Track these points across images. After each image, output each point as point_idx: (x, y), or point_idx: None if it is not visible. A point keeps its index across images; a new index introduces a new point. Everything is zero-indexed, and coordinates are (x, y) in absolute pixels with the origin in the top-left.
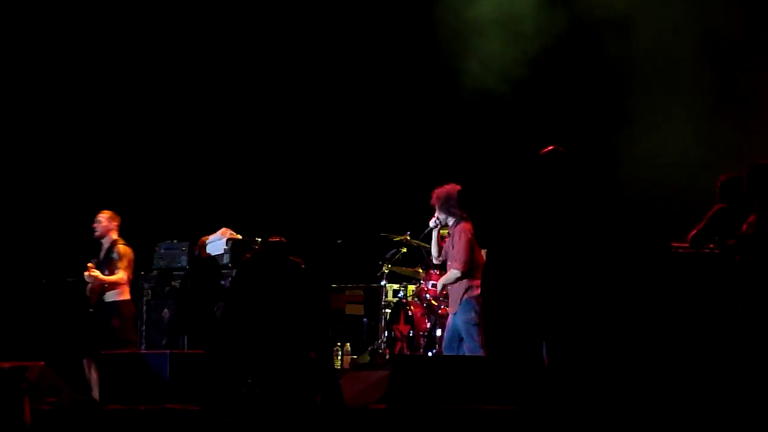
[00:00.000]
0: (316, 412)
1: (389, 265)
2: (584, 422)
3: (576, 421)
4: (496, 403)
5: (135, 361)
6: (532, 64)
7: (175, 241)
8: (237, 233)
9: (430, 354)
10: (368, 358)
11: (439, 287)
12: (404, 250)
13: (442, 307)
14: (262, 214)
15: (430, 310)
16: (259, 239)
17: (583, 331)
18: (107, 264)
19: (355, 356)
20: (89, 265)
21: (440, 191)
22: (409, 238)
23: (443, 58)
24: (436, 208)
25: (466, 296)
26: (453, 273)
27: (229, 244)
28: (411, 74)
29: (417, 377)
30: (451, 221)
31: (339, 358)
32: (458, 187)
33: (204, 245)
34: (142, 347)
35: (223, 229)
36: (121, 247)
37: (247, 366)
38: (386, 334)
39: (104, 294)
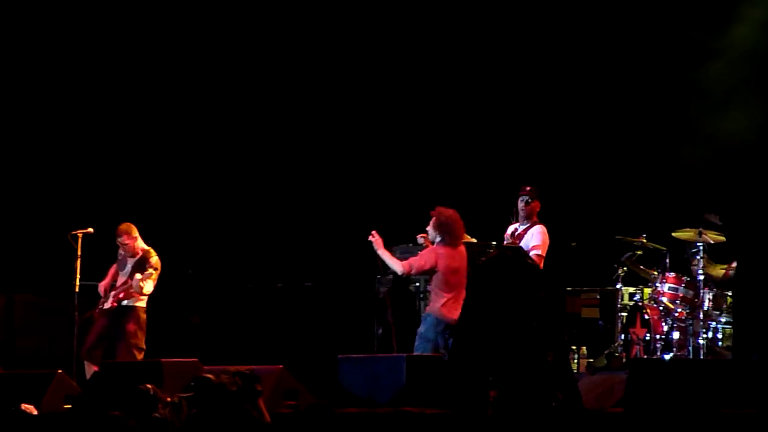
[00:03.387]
0: (555, 414)
1: (625, 268)
2: None
3: None
4: (735, 407)
5: (372, 364)
6: None
7: (410, 245)
8: (471, 237)
9: (666, 357)
10: (605, 361)
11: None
12: (640, 252)
13: (679, 310)
14: (495, 217)
15: (666, 313)
16: (494, 243)
17: None
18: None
19: (591, 360)
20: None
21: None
22: (645, 240)
23: None
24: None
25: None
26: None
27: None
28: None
29: (655, 381)
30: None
31: (575, 361)
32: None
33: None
34: (375, 350)
35: None
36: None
37: (485, 369)
38: (622, 338)
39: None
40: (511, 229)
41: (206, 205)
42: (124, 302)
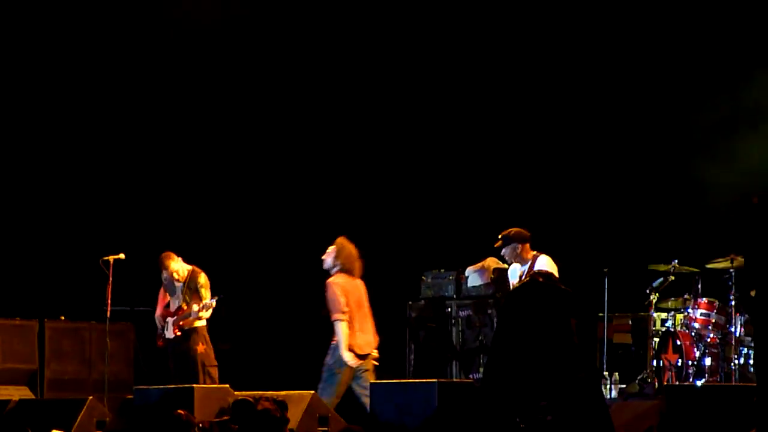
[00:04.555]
0: None
1: (657, 294)
2: None
3: None
4: None
5: (403, 389)
6: None
7: (442, 270)
8: (501, 263)
9: (698, 383)
10: (637, 387)
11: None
12: (672, 278)
13: (711, 336)
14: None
15: (698, 339)
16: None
17: None
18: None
19: (623, 385)
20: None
21: None
22: (677, 264)
23: None
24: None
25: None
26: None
27: (496, 274)
28: None
29: (687, 407)
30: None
31: (607, 387)
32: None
33: None
34: (407, 375)
35: (490, 258)
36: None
37: (518, 395)
38: (654, 364)
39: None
40: (517, 273)
41: (237, 231)
42: (186, 327)
